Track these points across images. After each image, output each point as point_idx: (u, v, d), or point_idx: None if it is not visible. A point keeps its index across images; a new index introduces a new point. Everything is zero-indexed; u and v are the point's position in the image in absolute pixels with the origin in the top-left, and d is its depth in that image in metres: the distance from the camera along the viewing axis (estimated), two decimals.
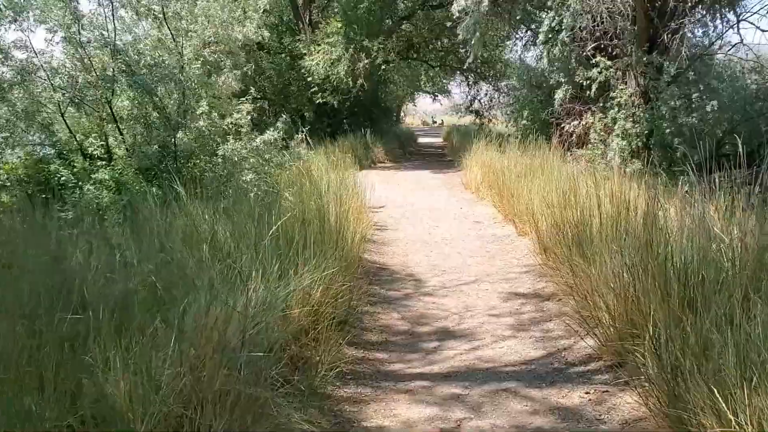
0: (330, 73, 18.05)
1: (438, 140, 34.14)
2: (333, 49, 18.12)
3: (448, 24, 20.55)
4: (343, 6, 18.44)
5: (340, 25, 18.36)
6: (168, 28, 8.00)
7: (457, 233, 8.53)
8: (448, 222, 9.38)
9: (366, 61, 18.23)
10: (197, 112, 8.01)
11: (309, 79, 18.49)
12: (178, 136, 7.41)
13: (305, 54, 18.58)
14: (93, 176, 6.80)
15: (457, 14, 15.68)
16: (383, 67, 19.48)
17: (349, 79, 18.30)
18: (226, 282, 3.81)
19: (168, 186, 6.50)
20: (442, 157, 23.75)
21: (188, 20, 8.45)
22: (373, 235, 8.17)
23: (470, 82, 25.57)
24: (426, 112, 63.93)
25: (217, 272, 3.93)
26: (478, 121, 24.95)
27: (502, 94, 23.00)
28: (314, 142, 19.26)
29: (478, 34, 16.24)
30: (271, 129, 8.68)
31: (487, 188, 11.40)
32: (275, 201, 7.24)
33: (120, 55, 7.33)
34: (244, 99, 9.02)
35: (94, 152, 7.35)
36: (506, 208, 9.23)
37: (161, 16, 8.08)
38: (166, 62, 7.82)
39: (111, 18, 7.75)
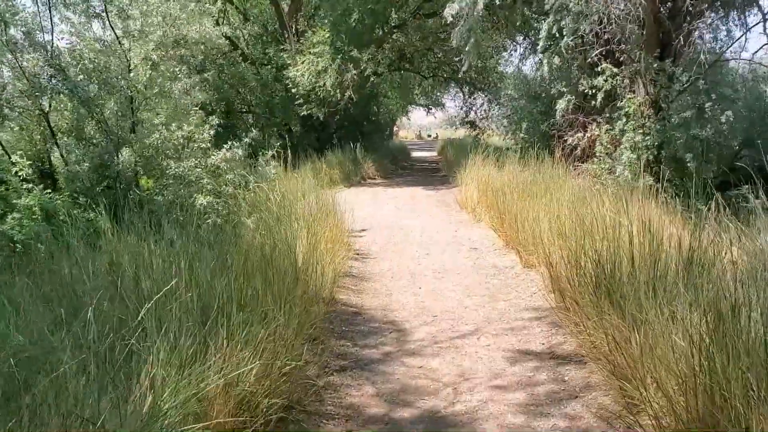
0: (316, 84, 16.85)
1: (432, 154, 32.96)
2: (319, 59, 16.92)
3: (441, 35, 19.77)
4: (332, 15, 17.27)
5: (327, 34, 17.16)
6: (110, 26, 6.76)
7: (451, 263, 7.27)
8: (442, 249, 8.12)
9: (354, 72, 17.02)
10: (154, 122, 6.77)
11: (293, 90, 17.28)
12: (122, 152, 6.16)
13: (290, 64, 17.38)
14: (15, 202, 5.54)
15: (450, 19, 14.56)
16: (372, 78, 18.26)
17: (337, 91, 17.11)
18: (109, 370, 2.56)
19: (108, 214, 5.27)
20: (436, 172, 22.52)
21: (140, 20, 7.20)
22: (351, 268, 6.91)
23: (465, 93, 24.40)
24: (420, 125, 63.02)
25: (104, 350, 2.68)
26: (473, 133, 23.78)
27: (498, 106, 21.86)
28: (301, 157, 18.17)
29: (473, 40, 15.10)
30: (233, 144, 7.46)
31: (485, 208, 10.15)
32: (230, 230, 6.01)
33: (53, 58, 6.09)
34: (202, 113, 7.80)
35: (21, 173, 6.09)
36: (507, 233, 7.96)
37: (103, 14, 6.84)
38: (111, 67, 6.58)
39: (47, 16, 6.52)
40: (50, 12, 6.82)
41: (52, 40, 6.82)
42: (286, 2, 19.38)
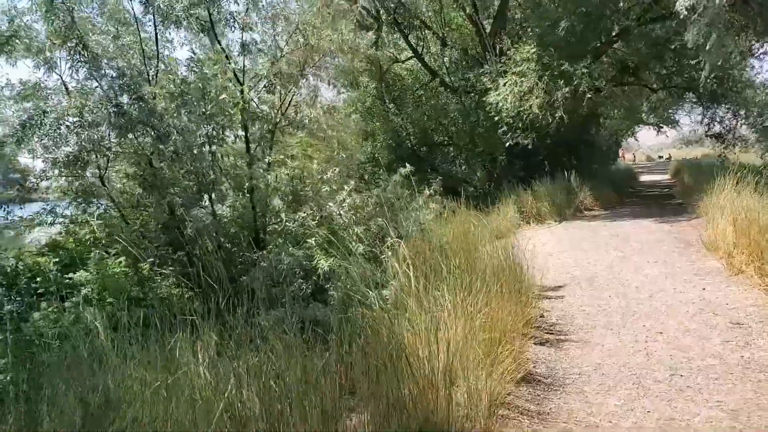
0: (521, 108, 14.52)
1: (664, 178, 28.45)
2: (523, 79, 14.58)
3: (673, 39, 16.28)
4: (538, 26, 14.93)
5: (533, 49, 14.79)
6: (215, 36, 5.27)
7: (700, 355, 4.54)
8: (682, 324, 5.36)
9: (566, 90, 14.37)
10: (265, 161, 5.14)
11: (496, 118, 15.12)
12: (204, 206, 4.56)
13: (490, 89, 15.26)
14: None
15: (685, 13, 11.46)
16: (588, 95, 15.38)
17: (546, 113, 14.61)
18: None
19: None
20: (669, 199, 18.65)
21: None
22: (534, 363, 4.54)
23: (704, 107, 20.18)
24: (649, 146, 56.95)
25: None
26: (719, 150, 19.55)
27: (748, 117, 17.60)
28: (505, 189, 15.87)
29: (714, 37, 11.79)
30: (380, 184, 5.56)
31: (747, 254, 7.06)
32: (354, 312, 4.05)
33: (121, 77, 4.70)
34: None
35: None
36: None
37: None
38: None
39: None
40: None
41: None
42: (488, 21, 17.39)
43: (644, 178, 28.62)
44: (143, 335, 3.38)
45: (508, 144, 15.66)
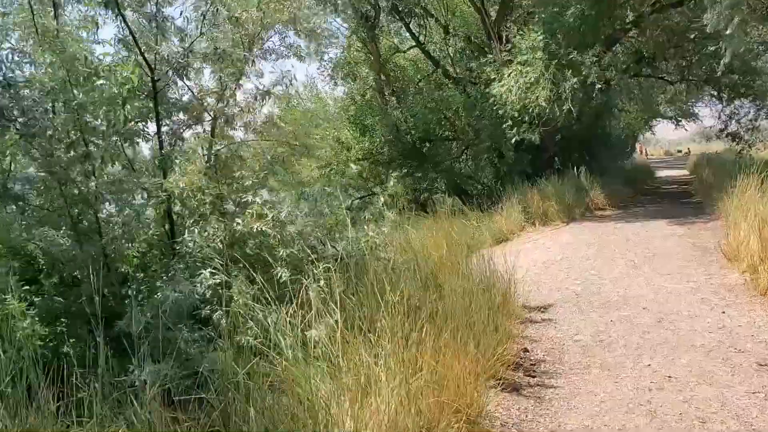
0: (526, 100, 13.41)
1: (681, 173, 27.08)
2: (529, 69, 13.47)
3: (693, 26, 15.05)
4: (544, 12, 13.79)
5: (539, 37, 13.65)
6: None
7: (718, 413, 3.51)
8: (697, 363, 4.31)
9: (574, 81, 13.22)
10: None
11: (500, 111, 14.03)
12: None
13: (494, 79, 14.17)
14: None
15: None
16: (599, 86, 14.17)
17: (553, 106, 13.50)
18: None
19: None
20: (687, 196, 17.40)
21: None
22: (506, 419, 3.52)
23: (724, 99, 18.90)
24: (669, 141, 55.32)
25: None
26: (736, 147, 18.32)
27: None
28: (512, 187, 14.76)
29: (736, 20, 10.64)
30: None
31: None
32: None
33: None
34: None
35: None
36: None
37: None
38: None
39: None
40: None
41: None
42: (494, 9, 16.26)
43: (662, 173, 27.26)
44: None
45: (514, 139, 14.59)
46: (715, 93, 19.11)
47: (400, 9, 16.18)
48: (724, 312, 5.50)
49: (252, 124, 6.34)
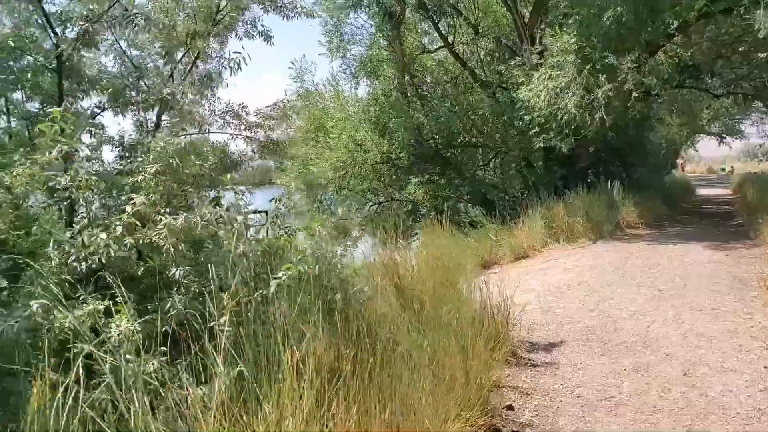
0: (555, 106, 12.38)
1: (724, 192, 25.46)
2: (559, 73, 12.44)
3: (745, 38, 13.77)
4: (579, 13, 12.73)
5: (573, 39, 12.59)
6: None
7: None
8: None
9: (608, 87, 12.12)
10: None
11: (527, 117, 13.04)
12: None
13: (522, 83, 13.16)
14: None
15: None
16: (635, 95, 12.98)
17: (585, 114, 12.46)
18: None
19: None
20: (729, 218, 16.03)
21: None
22: None
23: None
24: (711, 158, 53.15)
25: None
26: None
27: None
28: (541, 198, 13.67)
29: None
30: None
31: None
32: None
33: None
34: None
35: None
36: None
37: None
38: None
39: None
40: None
41: None
42: (527, 9, 15.22)
43: (702, 191, 25.72)
44: None
45: (540, 147, 13.55)
46: (766, 110, 17.70)
47: (428, 6, 15.28)
48: (766, 367, 4.46)
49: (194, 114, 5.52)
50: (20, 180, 2.95)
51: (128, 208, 3.05)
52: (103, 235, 2.89)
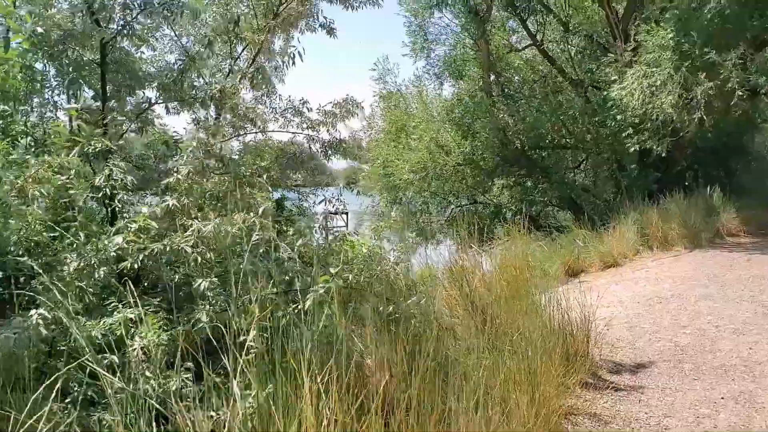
0: (649, 105, 11.66)
1: None
2: (655, 70, 11.70)
3: None
4: (677, 6, 11.94)
5: (669, 34, 11.82)
6: None
7: None
8: None
9: (709, 85, 11.27)
10: None
11: (619, 116, 12.38)
12: None
13: (615, 81, 12.50)
14: None
15: None
16: (739, 93, 12.00)
17: (682, 114, 11.67)
18: None
19: None
20: None
21: None
22: None
23: None
24: None
25: None
26: None
27: None
28: (634, 204, 12.91)
29: None
30: None
31: None
32: None
33: None
34: None
35: None
36: None
37: None
38: None
39: None
40: None
41: None
42: (621, 5, 14.46)
43: None
44: None
45: (634, 149, 12.80)
46: None
47: (516, 4, 14.83)
48: None
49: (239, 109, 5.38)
50: (29, 182, 2.94)
51: (144, 209, 2.99)
52: (118, 239, 2.83)
